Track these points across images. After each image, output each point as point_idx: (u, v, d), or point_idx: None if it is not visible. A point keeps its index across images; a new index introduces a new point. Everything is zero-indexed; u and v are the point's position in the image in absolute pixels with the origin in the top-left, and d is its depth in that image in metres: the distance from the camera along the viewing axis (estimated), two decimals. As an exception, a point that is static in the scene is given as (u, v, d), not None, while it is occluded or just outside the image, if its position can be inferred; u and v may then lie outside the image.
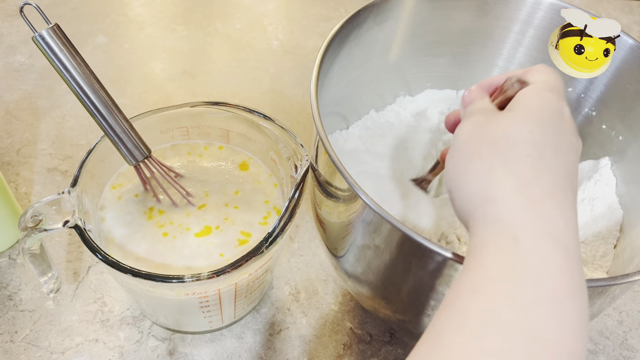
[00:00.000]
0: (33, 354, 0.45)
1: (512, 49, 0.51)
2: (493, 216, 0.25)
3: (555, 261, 0.24)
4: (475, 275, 0.24)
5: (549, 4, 0.47)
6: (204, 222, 0.43)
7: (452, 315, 0.24)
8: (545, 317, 0.22)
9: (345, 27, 0.43)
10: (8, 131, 0.61)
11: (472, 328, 0.23)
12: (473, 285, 0.24)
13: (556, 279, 0.23)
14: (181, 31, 0.77)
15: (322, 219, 0.42)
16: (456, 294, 0.25)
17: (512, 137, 0.27)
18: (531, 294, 0.23)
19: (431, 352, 0.23)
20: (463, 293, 0.24)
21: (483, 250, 0.25)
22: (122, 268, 0.35)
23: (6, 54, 0.70)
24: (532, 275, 0.23)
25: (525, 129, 0.27)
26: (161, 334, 0.47)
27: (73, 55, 0.36)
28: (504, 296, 0.23)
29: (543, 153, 0.26)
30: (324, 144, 0.34)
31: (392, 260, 0.35)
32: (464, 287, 0.24)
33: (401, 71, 0.53)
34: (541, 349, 0.22)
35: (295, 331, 0.48)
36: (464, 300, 0.24)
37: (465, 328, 0.23)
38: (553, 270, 0.23)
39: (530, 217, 0.24)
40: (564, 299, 0.23)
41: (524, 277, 0.23)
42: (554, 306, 0.23)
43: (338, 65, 0.45)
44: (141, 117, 0.44)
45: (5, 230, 0.50)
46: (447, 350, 0.23)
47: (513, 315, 0.22)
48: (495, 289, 0.23)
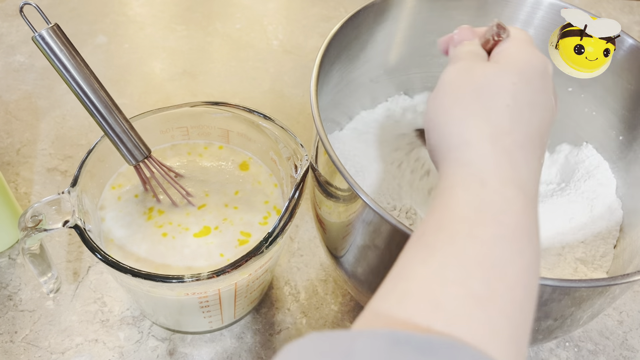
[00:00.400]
0: (33, 354, 0.45)
1: None
2: (465, 160, 0.27)
3: (517, 204, 0.25)
4: (441, 214, 0.26)
5: (549, 4, 0.47)
6: (203, 222, 0.43)
7: (416, 250, 0.25)
8: (505, 252, 0.24)
9: (345, 27, 0.43)
10: (8, 131, 0.61)
11: (435, 260, 0.24)
12: (439, 222, 0.25)
13: (516, 219, 0.25)
14: (181, 31, 0.77)
15: (322, 219, 0.42)
16: (422, 231, 0.26)
17: (495, 86, 0.28)
18: (492, 231, 0.24)
19: (395, 284, 0.24)
20: (428, 229, 0.26)
21: (451, 192, 0.26)
22: (121, 268, 0.35)
23: (6, 54, 0.70)
24: (494, 214, 0.25)
25: (509, 80, 0.28)
26: (161, 334, 0.47)
27: (73, 55, 0.36)
28: (468, 233, 0.24)
29: (521, 106, 0.27)
30: (324, 144, 0.34)
31: (392, 260, 0.35)
32: (430, 224, 0.26)
33: (401, 71, 0.53)
34: (498, 279, 0.23)
35: (295, 331, 0.48)
36: (429, 236, 0.25)
37: (428, 260, 0.24)
38: (514, 212, 0.25)
39: (499, 164, 0.26)
40: (522, 237, 0.25)
41: (487, 215, 0.25)
42: (513, 243, 0.24)
43: (338, 65, 0.46)
44: (141, 117, 0.44)
45: (5, 230, 0.50)
46: (410, 281, 0.24)
47: (475, 249, 0.24)
48: (459, 226, 0.25)
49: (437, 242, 0.25)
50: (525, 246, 0.25)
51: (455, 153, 0.27)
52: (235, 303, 0.43)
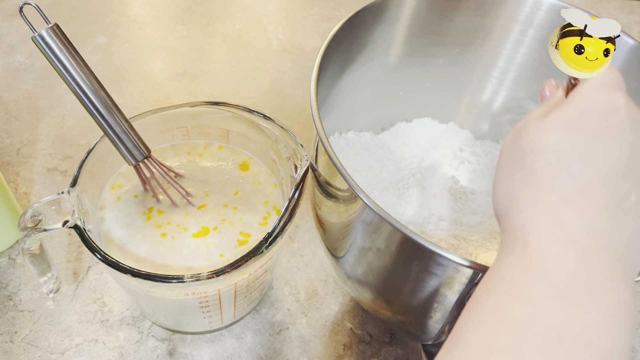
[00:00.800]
0: (33, 354, 0.45)
1: (512, 50, 0.51)
2: (510, 229, 0.27)
3: (567, 259, 0.24)
4: (489, 279, 0.26)
5: (549, 4, 0.47)
6: (202, 222, 0.43)
7: (469, 316, 0.25)
8: (559, 311, 0.23)
9: (345, 27, 0.43)
10: (8, 131, 0.61)
11: (487, 327, 0.23)
12: (487, 287, 0.25)
13: (568, 275, 0.23)
14: (181, 31, 0.77)
15: (322, 219, 0.42)
16: (474, 297, 0.26)
17: (535, 146, 0.27)
18: (539, 291, 0.23)
19: (449, 351, 0.24)
20: (479, 295, 0.26)
21: (499, 258, 0.26)
22: (121, 268, 0.35)
23: (6, 54, 0.70)
24: (539, 273, 0.24)
25: (553, 137, 0.27)
26: (161, 334, 0.47)
27: (73, 55, 0.36)
28: (515, 294, 0.24)
29: (568, 159, 0.26)
30: (323, 144, 0.34)
31: (392, 261, 0.35)
32: (480, 290, 0.26)
33: (400, 72, 0.53)
34: (556, 342, 0.22)
35: (295, 331, 0.48)
36: (480, 301, 0.25)
37: (480, 327, 0.24)
38: (563, 268, 0.24)
39: (543, 224, 0.25)
40: (579, 293, 0.23)
41: (531, 276, 0.24)
42: (567, 301, 0.23)
43: (338, 66, 0.45)
44: (141, 117, 0.44)
45: (5, 230, 0.50)
46: (464, 349, 0.24)
47: (525, 312, 0.23)
48: (505, 289, 0.24)
49: (487, 308, 0.24)
50: (586, 302, 0.23)
51: (504, 223, 0.28)
52: (235, 303, 0.43)
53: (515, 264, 0.25)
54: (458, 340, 0.24)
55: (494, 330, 0.23)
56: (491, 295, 0.25)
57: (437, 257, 0.31)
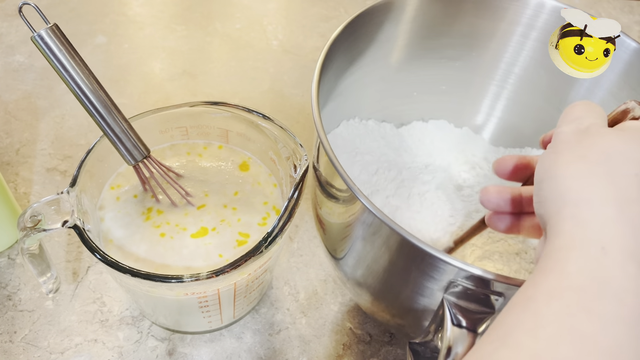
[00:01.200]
0: (32, 354, 0.45)
1: (515, 52, 0.51)
2: (583, 219, 0.24)
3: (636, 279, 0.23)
4: (555, 279, 0.23)
5: (552, 6, 0.47)
6: (200, 223, 0.43)
7: (525, 317, 0.23)
8: (624, 335, 0.22)
9: (347, 29, 0.43)
10: (7, 131, 0.61)
11: (546, 333, 0.22)
12: (552, 289, 0.23)
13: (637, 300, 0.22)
14: (181, 31, 0.77)
15: (322, 219, 0.42)
16: (530, 295, 0.24)
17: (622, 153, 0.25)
18: (612, 309, 0.22)
19: (497, 351, 0.23)
20: (539, 295, 0.23)
21: (567, 254, 0.24)
22: (121, 268, 0.35)
23: (5, 54, 0.70)
24: (615, 290, 0.22)
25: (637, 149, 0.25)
26: (160, 334, 0.47)
27: (72, 55, 0.36)
28: (585, 306, 0.22)
29: None
30: (324, 147, 0.34)
31: (392, 264, 0.35)
32: (541, 289, 0.23)
33: (402, 74, 0.53)
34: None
35: (295, 331, 0.48)
36: (540, 303, 0.23)
37: (538, 332, 0.22)
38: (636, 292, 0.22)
39: (624, 234, 0.23)
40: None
41: (607, 290, 0.22)
42: (633, 327, 0.22)
43: (339, 67, 0.45)
44: (140, 117, 0.44)
45: (5, 230, 0.50)
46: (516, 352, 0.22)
47: (592, 327, 0.22)
48: (575, 297, 0.22)
49: (549, 312, 0.22)
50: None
51: (573, 209, 0.25)
52: (234, 303, 0.43)
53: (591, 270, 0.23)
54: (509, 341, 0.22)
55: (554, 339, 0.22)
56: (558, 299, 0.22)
57: (436, 260, 0.30)
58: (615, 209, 0.24)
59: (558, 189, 0.26)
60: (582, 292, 0.22)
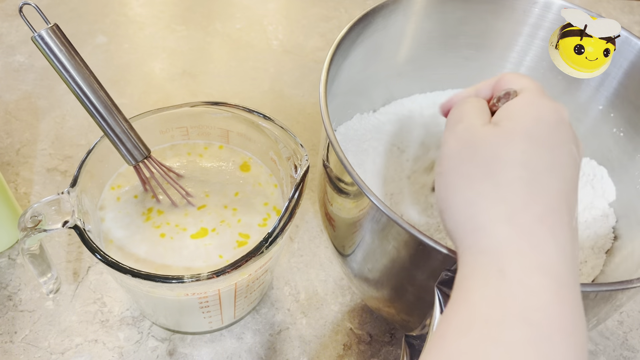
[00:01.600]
0: (32, 355, 0.45)
1: (521, 52, 0.51)
2: (481, 246, 0.24)
3: (545, 294, 0.23)
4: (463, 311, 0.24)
5: (558, 6, 0.47)
6: (200, 223, 0.43)
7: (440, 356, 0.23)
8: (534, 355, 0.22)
9: (352, 30, 0.43)
10: (8, 131, 0.61)
11: None
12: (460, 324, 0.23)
13: (546, 313, 0.22)
14: (181, 31, 0.77)
15: (332, 215, 0.41)
16: (442, 332, 0.24)
17: (502, 158, 0.25)
18: (517, 333, 0.22)
19: None
20: (449, 334, 0.23)
21: (470, 283, 0.24)
22: (121, 268, 0.35)
23: (6, 54, 0.70)
24: (518, 312, 0.22)
25: (517, 148, 0.25)
26: (161, 335, 0.47)
27: (72, 55, 0.36)
28: (492, 337, 0.22)
29: (536, 173, 0.25)
30: (333, 146, 0.34)
31: (400, 259, 0.35)
32: (451, 326, 0.24)
33: (407, 75, 0.53)
34: None
35: (295, 331, 0.48)
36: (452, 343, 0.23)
37: None
38: (542, 305, 0.22)
39: (519, 248, 0.23)
40: (553, 334, 0.22)
41: (510, 315, 0.22)
42: (543, 343, 0.22)
43: (344, 67, 0.45)
44: (140, 117, 0.43)
45: (5, 230, 0.50)
46: None
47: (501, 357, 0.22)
48: (482, 331, 0.22)
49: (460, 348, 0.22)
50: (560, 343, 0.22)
51: (471, 239, 0.25)
52: (235, 303, 0.43)
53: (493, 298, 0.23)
54: None
55: None
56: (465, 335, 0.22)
57: (444, 257, 0.30)
58: (507, 226, 0.24)
59: (456, 220, 0.26)
60: (487, 323, 0.22)
